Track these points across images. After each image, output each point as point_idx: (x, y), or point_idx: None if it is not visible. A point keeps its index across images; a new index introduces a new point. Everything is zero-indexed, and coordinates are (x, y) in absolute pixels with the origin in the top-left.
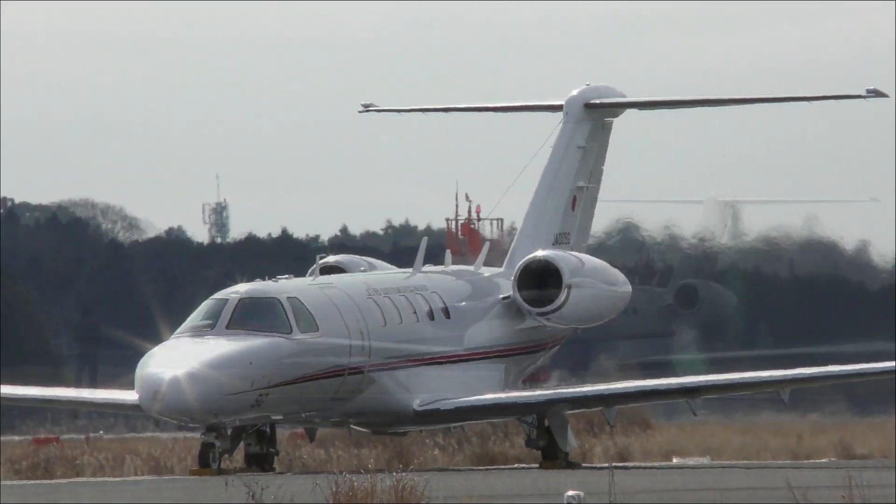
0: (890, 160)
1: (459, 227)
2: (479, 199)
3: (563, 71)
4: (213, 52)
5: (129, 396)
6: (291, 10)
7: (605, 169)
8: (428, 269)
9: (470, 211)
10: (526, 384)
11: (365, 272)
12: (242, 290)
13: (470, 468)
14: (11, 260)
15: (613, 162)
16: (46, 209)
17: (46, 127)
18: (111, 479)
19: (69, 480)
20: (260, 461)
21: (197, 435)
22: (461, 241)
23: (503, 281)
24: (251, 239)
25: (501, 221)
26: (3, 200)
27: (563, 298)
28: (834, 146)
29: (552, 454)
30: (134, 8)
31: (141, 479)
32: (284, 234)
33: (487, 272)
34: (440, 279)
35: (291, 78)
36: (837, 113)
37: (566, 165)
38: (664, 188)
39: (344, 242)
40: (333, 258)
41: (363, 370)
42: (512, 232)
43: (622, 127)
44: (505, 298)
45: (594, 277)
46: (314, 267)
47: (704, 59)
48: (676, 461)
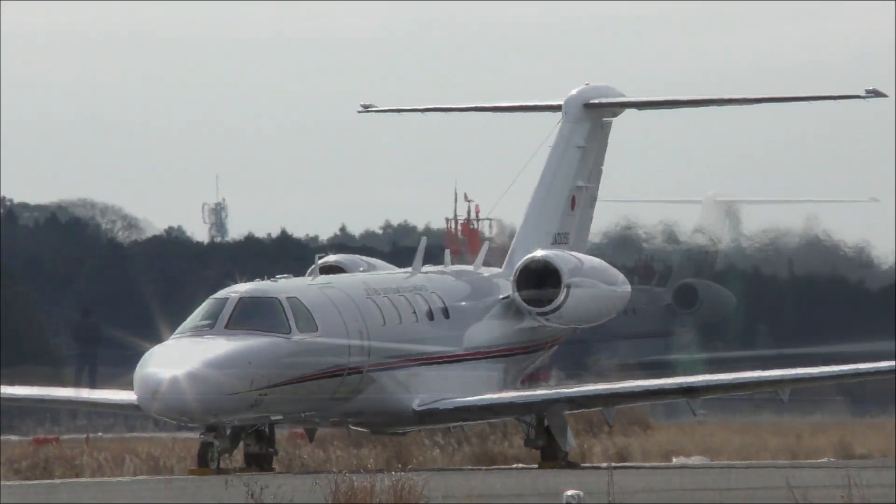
0: (890, 160)
1: (459, 227)
2: (478, 198)
3: (562, 71)
4: (213, 52)
5: (128, 396)
6: (291, 10)
7: (604, 169)
8: (427, 269)
9: (469, 211)
10: (525, 384)
11: (364, 272)
12: (242, 289)
13: (469, 468)
14: (11, 260)
15: (612, 162)
16: (46, 209)
17: (46, 127)
18: (111, 478)
19: (68, 480)
20: (259, 461)
21: (196, 435)
22: (460, 240)
23: (502, 281)
24: (251, 239)
25: (501, 221)
26: (2, 200)
27: (562, 298)
28: (834, 146)
29: (551, 454)
30: (134, 8)
31: (140, 478)
32: (284, 233)
33: (487, 272)
34: (439, 279)
35: (291, 78)
36: (837, 113)
37: (565, 165)
38: (663, 188)
39: (343, 242)
40: (333, 258)
41: (362, 370)
42: (511, 232)
43: (621, 127)
44: (504, 298)
45: (593, 277)
46: (313, 267)
47: (704, 59)
48: (676, 461)
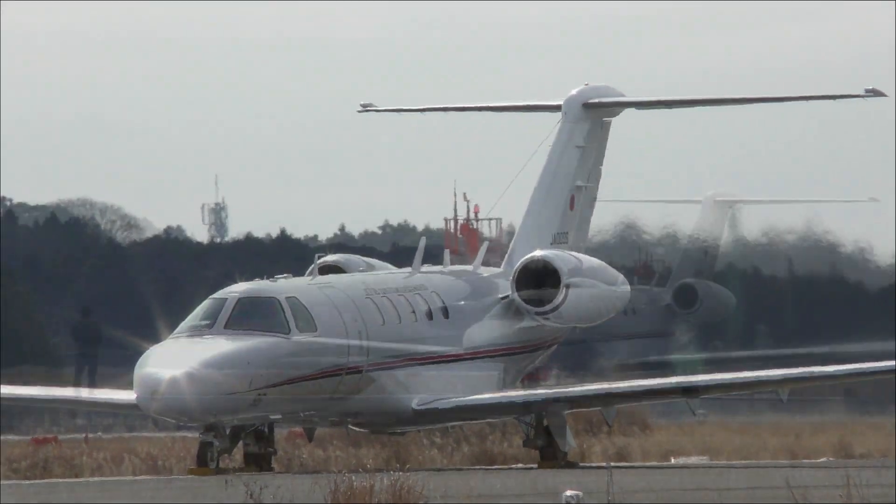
0: (890, 160)
1: (458, 226)
2: (477, 198)
3: (562, 71)
4: (213, 52)
5: (127, 396)
6: (291, 10)
7: (603, 169)
8: (426, 268)
9: (468, 211)
10: (524, 384)
11: (363, 272)
12: (241, 289)
13: (468, 468)
14: (10, 260)
15: (612, 162)
16: (45, 209)
17: (46, 127)
18: (110, 478)
19: (68, 480)
20: (258, 461)
21: (195, 434)
22: (460, 240)
23: (502, 281)
24: (250, 239)
25: (500, 221)
26: (1, 200)
27: (561, 298)
28: (834, 146)
29: (551, 454)
30: (134, 8)
31: (140, 478)
32: (283, 233)
33: (486, 272)
34: (439, 279)
35: (291, 78)
36: (837, 113)
37: (565, 165)
38: (663, 188)
39: (342, 242)
40: (332, 258)
41: (361, 370)
42: (511, 232)
43: (621, 126)
44: (503, 298)
45: (593, 277)
46: (313, 266)
47: (704, 59)
48: (676, 461)
